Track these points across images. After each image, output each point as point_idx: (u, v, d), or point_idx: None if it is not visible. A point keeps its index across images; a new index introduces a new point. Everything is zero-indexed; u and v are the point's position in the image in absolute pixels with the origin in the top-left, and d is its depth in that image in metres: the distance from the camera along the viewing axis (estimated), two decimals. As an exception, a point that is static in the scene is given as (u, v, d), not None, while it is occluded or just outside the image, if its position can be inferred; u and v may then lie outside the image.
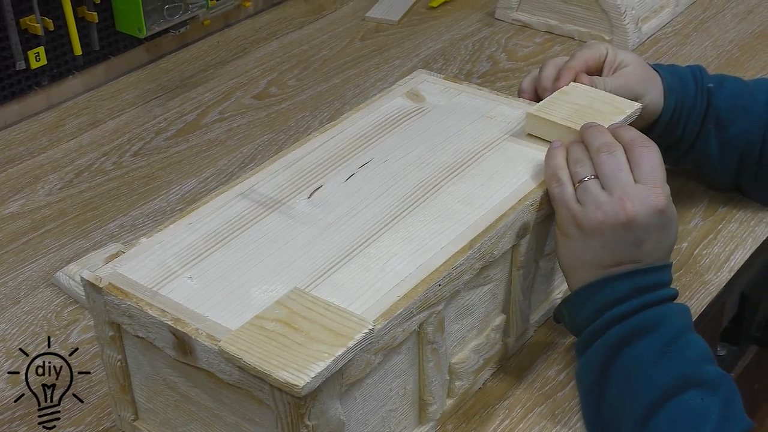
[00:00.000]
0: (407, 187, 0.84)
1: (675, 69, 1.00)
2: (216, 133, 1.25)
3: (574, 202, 0.81)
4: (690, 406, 0.73)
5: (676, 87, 0.98)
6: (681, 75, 1.00)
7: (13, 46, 1.22)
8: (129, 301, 0.72)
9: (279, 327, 0.67)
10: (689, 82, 0.99)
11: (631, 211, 0.78)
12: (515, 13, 1.48)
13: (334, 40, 1.47)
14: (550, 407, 0.85)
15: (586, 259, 0.80)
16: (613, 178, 0.79)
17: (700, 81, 1.00)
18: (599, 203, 0.79)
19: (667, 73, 0.99)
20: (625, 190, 0.78)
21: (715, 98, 0.99)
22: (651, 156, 0.80)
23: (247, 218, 0.81)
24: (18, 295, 1.00)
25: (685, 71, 1.00)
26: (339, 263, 0.76)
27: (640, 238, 0.78)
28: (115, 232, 1.08)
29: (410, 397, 0.78)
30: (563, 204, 0.81)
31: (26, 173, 1.19)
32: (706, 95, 0.99)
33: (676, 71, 1.00)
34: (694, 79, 1.00)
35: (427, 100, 0.97)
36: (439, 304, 0.75)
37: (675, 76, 0.99)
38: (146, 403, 0.79)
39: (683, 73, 1.00)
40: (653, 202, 0.78)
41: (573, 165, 0.82)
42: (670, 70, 1.00)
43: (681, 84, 0.98)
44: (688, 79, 0.99)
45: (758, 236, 1.03)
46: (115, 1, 1.29)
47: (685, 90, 0.98)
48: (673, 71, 1.00)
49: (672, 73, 0.99)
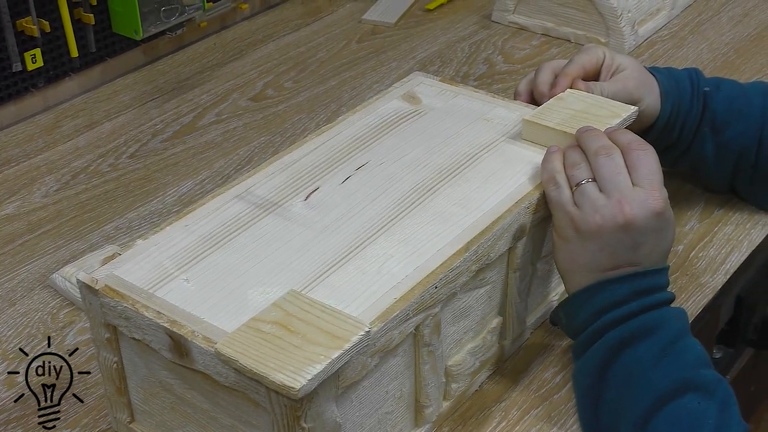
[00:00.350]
0: (404, 189, 0.84)
1: (671, 72, 1.01)
2: (212, 135, 1.25)
3: (571, 205, 0.81)
4: (688, 410, 0.73)
5: (673, 90, 0.98)
6: (677, 78, 1.00)
7: (10, 47, 1.22)
8: (125, 303, 0.72)
9: (275, 329, 0.67)
10: (686, 85, 0.99)
11: (629, 214, 0.78)
12: (512, 16, 1.48)
13: (331, 43, 1.47)
14: (546, 409, 0.85)
15: (583, 263, 0.80)
16: (611, 181, 0.79)
17: (696, 84, 1.00)
18: (597, 206, 0.79)
19: (664, 76, 0.99)
20: (623, 194, 0.78)
21: (712, 101, 0.99)
22: (648, 159, 0.80)
23: (243, 220, 0.81)
24: (14, 297, 1.00)
25: (682, 74, 1.01)
26: (335, 265, 0.76)
27: (638, 241, 0.78)
28: (112, 234, 1.08)
29: (406, 400, 0.78)
30: (561, 207, 0.81)
31: (22, 175, 1.19)
32: (702, 98, 0.99)
33: (673, 74, 1.00)
34: (690, 82, 1.00)
35: (424, 103, 0.97)
36: (436, 307, 0.75)
37: (671, 79, 0.99)
38: (142, 405, 0.79)
39: (680, 76, 1.00)
40: (651, 205, 0.78)
41: (570, 168, 0.82)
42: (667, 73, 1.00)
43: (677, 87, 0.99)
44: (684, 82, 1.00)
45: (754, 239, 1.03)
46: (112, 3, 1.30)
47: (681, 93, 0.99)
48: (670, 74, 1.00)
49: (668, 77, 0.99)
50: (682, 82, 0.99)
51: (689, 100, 0.99)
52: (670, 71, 1.01)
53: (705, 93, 1.00)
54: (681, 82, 0.99)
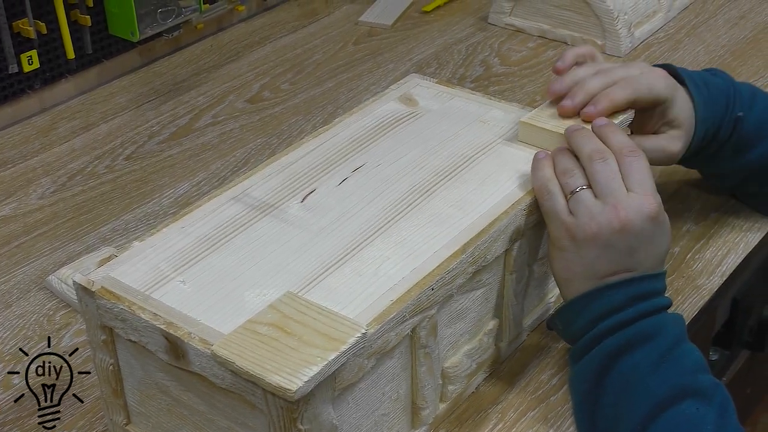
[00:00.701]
0: (400, 191, 0.84)
1: (712, 95, 0.95)
2: (209, 137, 1.25)
3: (566, 214, 0.80)
4: (686, 416, 0.73)
5: (708, 116, 0.94)
6: (715, 102, 0.95)
7: (6, 49, 1.22)
8: (121, 305, 0.72)
9: (272, 331, 0.67)
10: (721, 110, 0.95)
11: (625, 219, 0.77)
12: (508, 18, 1.48)
13: (328, 44, 1.47)
14: (542, 411, 0.85)
15: (580, 270, 0.80)
16: (607, 187, 0.79)
17: (731, 108, 0.96)
18: (593, 214, 0.78)
19: (702, 99, 0.94)
20: (619, 199, 0.78)
21: (741, 126, 0.96)
22: (640, 165, 0.80)
23: (240, 222, 0.81)
24: (10, 299, 1.00)
25: (721, 98, 0.95)
26: (332, 267, 0.75)
27: (634, 246, 0.78)
28: (108, 236, 1.08)
29: (403, 402, 0.78)
30: (556, 217, 0.81)
31: (18, 177, 1.19)
32: (733, 124, 0.96)
33: (713, 99, 0.95)
34: (726, 105, 0.95)
35: (420, 105, 0.97)
36: (432, 309, 0.75)
37: (709, 105, 0.94)
38: (138, 407, 0.79)
39: (718, 101, 0.95)
40: (646, 210, 0.78)
41: (562, 175, 0.81)
42: (707, 96, 0.94)
43: (713, 115, 0.94)
44: (720, 107, 0.95)
45: (750, 241, 1.03)
46: (108, 5, 1.29)
47: (715, 120, 0.95)
48: (709, 100, 0.94)
49: (707, 103, 0.94)
50: (718, 107, 0.95)
51: (719, 123, 0.95)
52: (710, 93, 0.95)
53: (737, 119, 0.96)
54: (717, 108, 0.95)
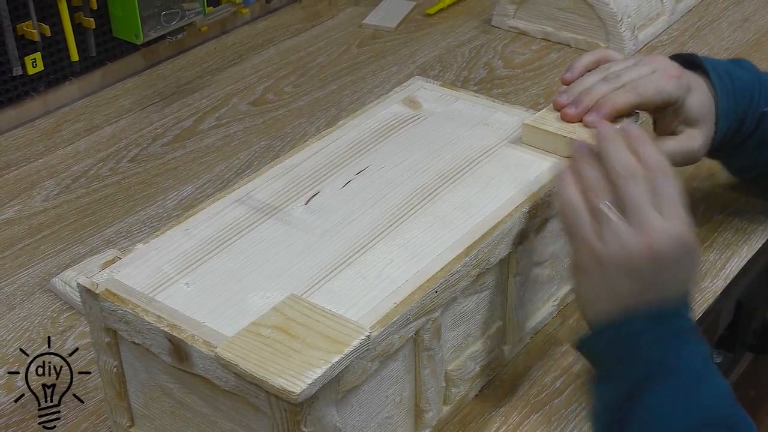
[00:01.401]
0: (404, 194, 0.84)
1: (735, 88, 0.93)
2: (213, 140, 1.25)
3: (594, 238, 0.75)
4: None
5: (731, 113, 0.92)
6: (739, 96, 0.93)
7: (10, 52, 1.22)
8: (125, 308, 0.72)
9: (275, 333, 0.67)
10: (745, 104, 0.93)
11: (657, 248, 0.73)
12: (512, 21, 1.48)
13: (331, 47, 1.47)
14: (546, 414, 0.85)
15: (605, 294, 0.75)
16: (639, 212, 0.74)
17: (756, 102, 0.93)
18: (622, 241, 0.73)
19: (725, 93, 0.92)
20: (652, 226, 0.73)
21: (765, 121, 0.94)
22: (672, 186, 0.75)
23: (243, 224, 0.81)
24: (14, 301, 1.00)
25: (746, 92, 0.93)
26: (335, 270, 0.76)
27: (663, 272, 0.74)
28: (112, 238, 1.08)
29: (406, 404, 0.78)
30: (582, 240, 0.76)
31: (23, 179, 1.19)
32: (756, 119, 0.94)
33: (736, 92, 0.93)
34: (751, 99, 0.93)
35: (424, 107, 0.97)
36: (436, 311, 0.75)
37: (731, 98, 0.92)
38: (142, 409, 0.79)
39: (743, 95, 0.93)
40: (678, 235, 0.73)
41: (590, 192, 0.76)
42: (731, 88, 0.92)
43: (735, 108, 0.92)
44: (744, 101, 0.93)
45: (754, 244, 1.03)
46: (112, 7, 1.30)
47: (738, 114, 0.93)
48: (732, 92, 0.92)
49: (729, 96, 0.92)
50: (742, 102, 0.93)
51: (742, 117, 0.93)
52: (734, 87, 0.93)
53: (761, 114, 0.93)
54: (740, 103, 0.93)
